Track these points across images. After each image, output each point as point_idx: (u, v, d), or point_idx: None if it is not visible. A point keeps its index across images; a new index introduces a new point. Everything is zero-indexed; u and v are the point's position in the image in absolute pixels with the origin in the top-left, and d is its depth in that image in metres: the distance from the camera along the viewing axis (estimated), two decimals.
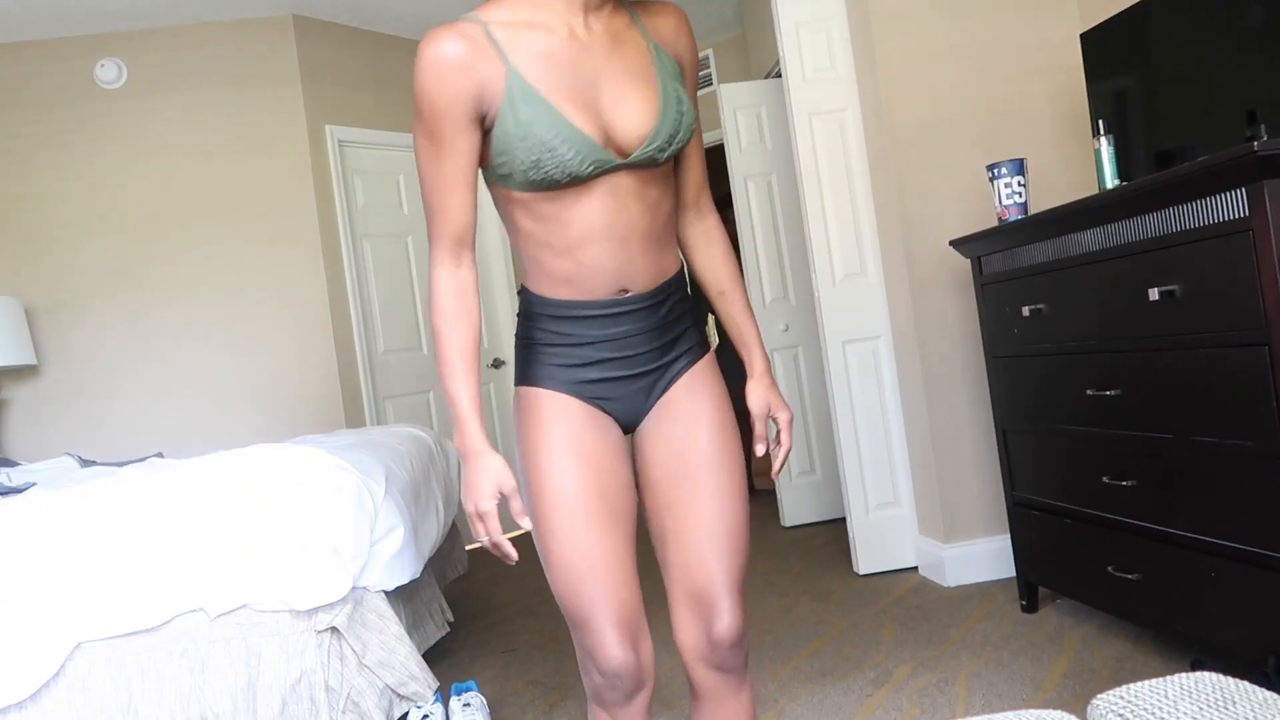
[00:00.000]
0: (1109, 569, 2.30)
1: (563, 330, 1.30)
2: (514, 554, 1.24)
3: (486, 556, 4.61)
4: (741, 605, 1.31)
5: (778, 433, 1.44)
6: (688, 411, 1.33)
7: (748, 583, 3.50)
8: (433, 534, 2.82)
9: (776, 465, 1.41)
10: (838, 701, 2.29)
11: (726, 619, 1.29)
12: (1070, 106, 3.11)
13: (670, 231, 1.33)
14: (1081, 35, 2.62)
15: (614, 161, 1.21)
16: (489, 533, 1.23)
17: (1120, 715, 0.90)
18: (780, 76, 4.24)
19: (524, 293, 1.34)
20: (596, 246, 1.25)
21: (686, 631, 1.30)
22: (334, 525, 2.25)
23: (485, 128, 1.21)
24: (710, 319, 5.07)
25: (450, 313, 1.25)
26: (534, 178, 1.19)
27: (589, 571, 1.24)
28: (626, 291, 1.28)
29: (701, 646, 1.29)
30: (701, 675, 1.31)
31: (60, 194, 4.14)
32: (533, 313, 1.32)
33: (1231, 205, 1.79)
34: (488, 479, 1.24)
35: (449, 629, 2.93)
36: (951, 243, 2.79)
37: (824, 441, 4.35)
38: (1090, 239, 2.23)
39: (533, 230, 1.26)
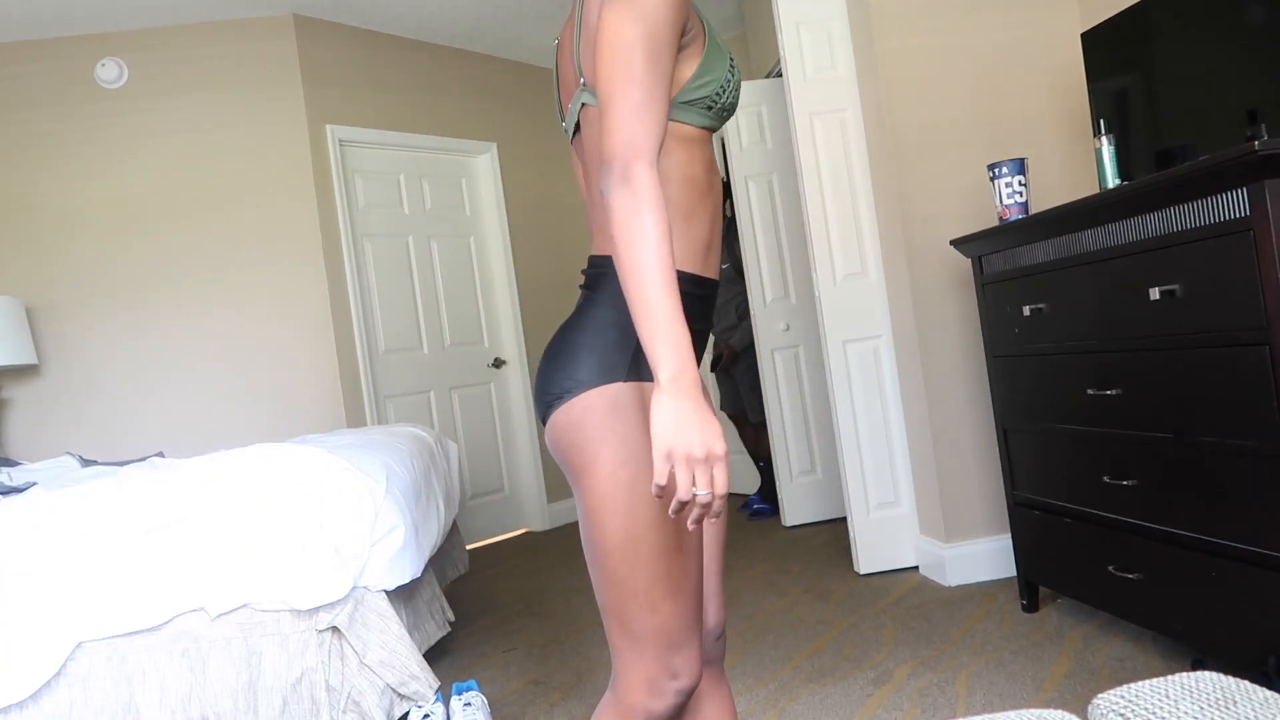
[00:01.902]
0: (1109, 568, 2.30)
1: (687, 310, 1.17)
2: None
3: (487, 556, 4.61)
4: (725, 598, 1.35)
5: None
6: None
7: (748, 582, 3.51)
8: (433, 533, 2.82)
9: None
10: (838, 701, 2.29)
11: (720, 613, 1.32)
12: (1071, 106, 3.11)
13: None
14: (1082, 34, 2.62)
15: None
16: (719, 483, 0.97)
17: (1121, 715, 0.90)
18: (781, 76, 4.24)
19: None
20: (719, 212, 1.24)
21: None
22: (335, 525, 2.25)
23: (681, 44, 1.13)
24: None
25: (666, 223, 1.01)
26: (729, 100, 1.18)
27: (696, 592, 1.15)
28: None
29: None
30: None
31: (61, 193, 4.14)
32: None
33: (1232, 205, 1.79)
34: (717, 422, 1.01)
35: (450, 628, 2.93)
36: (952, 242, 2.79)
37: (825, 441, 4.35)
38: (1091, 238, 2.23)
39: (698, 177, 1.18)
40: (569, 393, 1.15)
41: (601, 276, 1.19)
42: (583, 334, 1.17)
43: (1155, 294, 2.00)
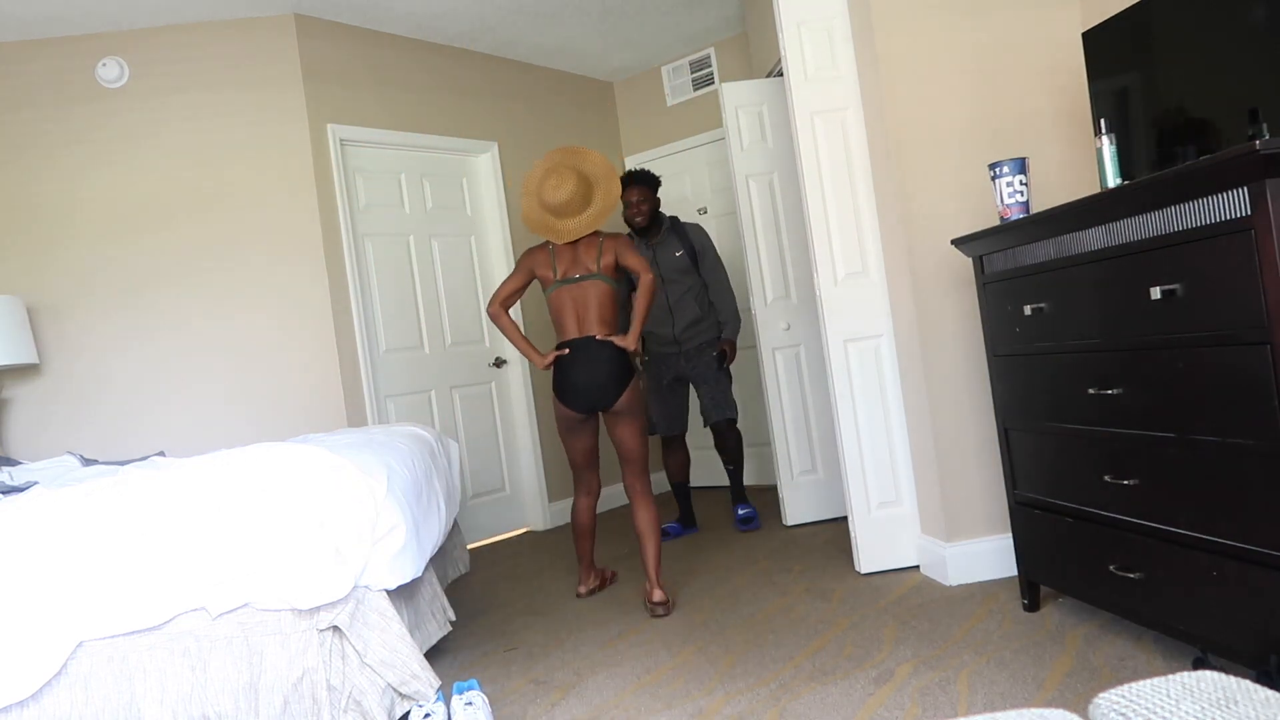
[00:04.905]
0: (1110, 568, 2.30)
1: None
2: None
3: (488, 556, 4.62)
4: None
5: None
6: None
7: (749, 581, 3.51)
8: (434, 533, 2.82)
9: None
10: (839, 700, 2.29)
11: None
12: (1072, 105, 3.10)
13: None
14: (1083, 33, 2.62)
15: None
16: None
17: (1122, 714, 0.90)
18: (782, 75, 4.23)
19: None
20: None
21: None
22: (336, 524, 2.26)
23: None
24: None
25: None
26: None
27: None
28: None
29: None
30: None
31: (62, 192, 4.15)
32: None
33: (1233, 204, 1.79)
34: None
35: (451, 628, 2.93)
36: (953, 241, 2.79)
37: (826, 440, 4.35)
38: (1092, 238, 2.23)
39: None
40: (632, 377, 3.34)
41: (610, 341, 3.31)
42: (623, 358, 3.33)
43: (1156, 293, 2.00)
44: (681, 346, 4.43)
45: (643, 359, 4.50)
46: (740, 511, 4.50)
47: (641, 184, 4.36)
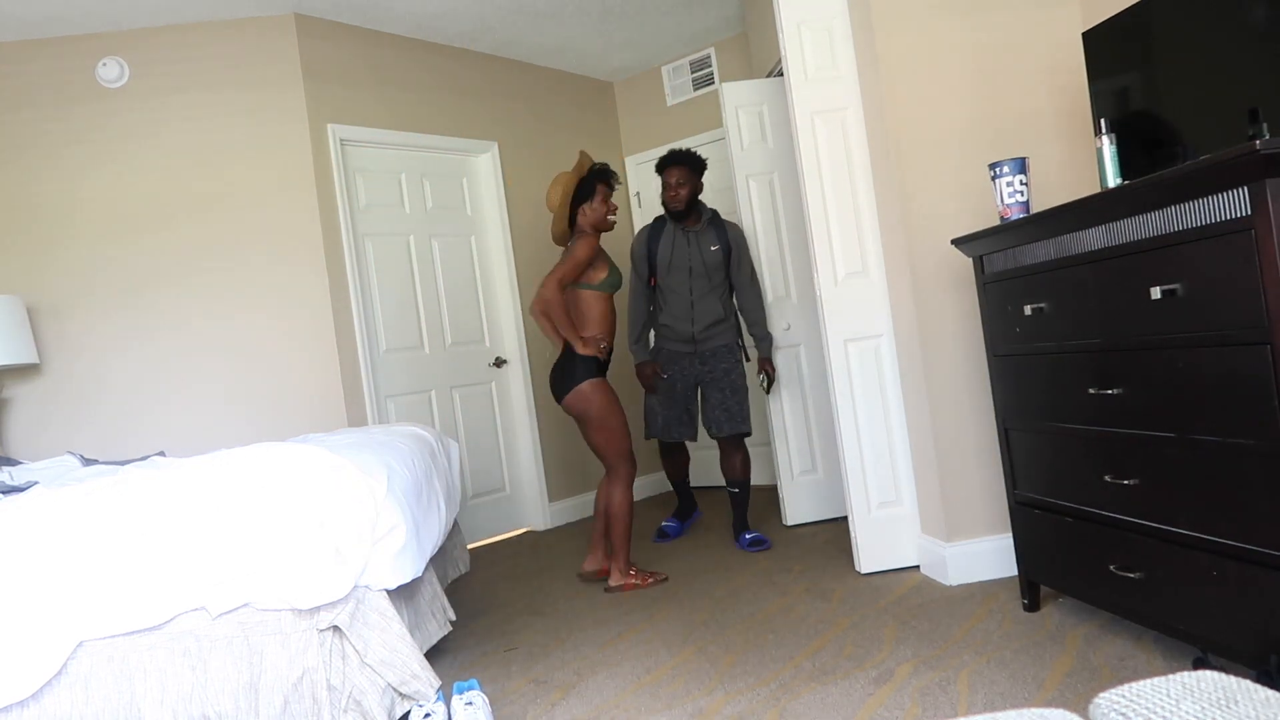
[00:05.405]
0: (1111, 568, 2.30)
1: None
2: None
3: (487, 555, 4.61)
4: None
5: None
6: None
7: (750, 581, 3.51)
8: (434, 532, 2.82)
9: None
10: (839, 700, 2.29)
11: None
12: (1072, 104, 3.10)
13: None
14: (1083, 33, 2.62)
15: None
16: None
17: (1122, 714, 0.90)
18: (782, 75, 4.23)
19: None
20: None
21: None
22: (336, 524, 2.26)
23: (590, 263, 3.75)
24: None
25: None
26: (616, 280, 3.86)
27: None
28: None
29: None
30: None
31: (62, 192, 4.15)
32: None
33: (1233, 204, 1.79)
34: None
35: (451, 628, 2.93)
36: (953, 241, 2.79)
37: (826, 440, 4.35)
38: (1092, 238, 2.23)
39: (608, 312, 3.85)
40: (581, 380, 3.61)
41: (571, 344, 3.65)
42: (578, 359, 3.64)
43: (1156, 293, 2.00)
44: (697, 347, 4.14)
45: (660, 375, 4.19)
46: (748, 536, 4.06)
47: (682, 165, 4.06)
